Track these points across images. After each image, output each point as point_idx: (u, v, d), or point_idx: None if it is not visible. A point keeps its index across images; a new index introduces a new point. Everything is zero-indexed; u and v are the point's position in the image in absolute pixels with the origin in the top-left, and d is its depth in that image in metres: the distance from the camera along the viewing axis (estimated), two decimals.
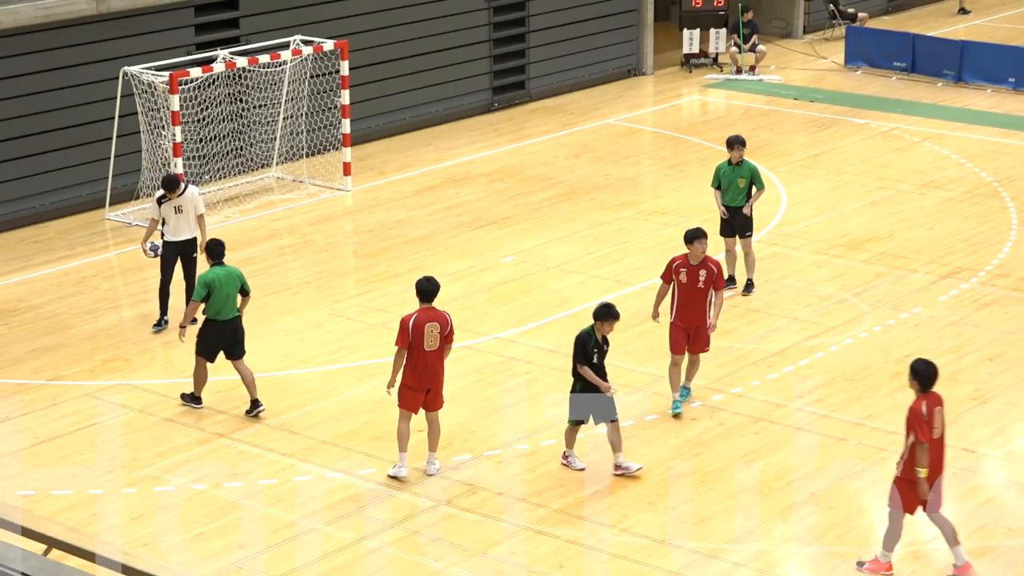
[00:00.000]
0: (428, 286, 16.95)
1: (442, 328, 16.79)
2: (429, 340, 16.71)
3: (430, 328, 16.70)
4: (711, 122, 32.36)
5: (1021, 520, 16.26)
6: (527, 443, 17.99)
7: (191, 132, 26.53)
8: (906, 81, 35.06)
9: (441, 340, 16.81)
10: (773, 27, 39.24)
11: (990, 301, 22.18)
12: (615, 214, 26.13)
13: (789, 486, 16.93)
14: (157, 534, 16.02)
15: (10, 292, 22.93)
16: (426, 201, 26.98)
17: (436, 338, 16.75)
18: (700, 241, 18.61)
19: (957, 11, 41.59)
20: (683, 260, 18.55)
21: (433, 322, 16.74)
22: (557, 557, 15.56)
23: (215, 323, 18.66)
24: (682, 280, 18.48)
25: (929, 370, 14.97)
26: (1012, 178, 27.74)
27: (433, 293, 16.94)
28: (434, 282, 17.07)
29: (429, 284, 16.98)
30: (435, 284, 17.04)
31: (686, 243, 18.66)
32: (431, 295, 16.92)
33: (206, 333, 18.76)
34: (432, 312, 16.84)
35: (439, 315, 16.85)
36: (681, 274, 18.48)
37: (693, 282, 18.48)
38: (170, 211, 20.85)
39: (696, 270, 18.47)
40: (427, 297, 16.90)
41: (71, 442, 18.13)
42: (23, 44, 25.48)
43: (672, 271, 18.57)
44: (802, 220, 25.65)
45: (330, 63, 28.00)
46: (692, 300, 18.51)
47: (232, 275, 18.70)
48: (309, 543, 15.82)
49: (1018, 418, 18.68)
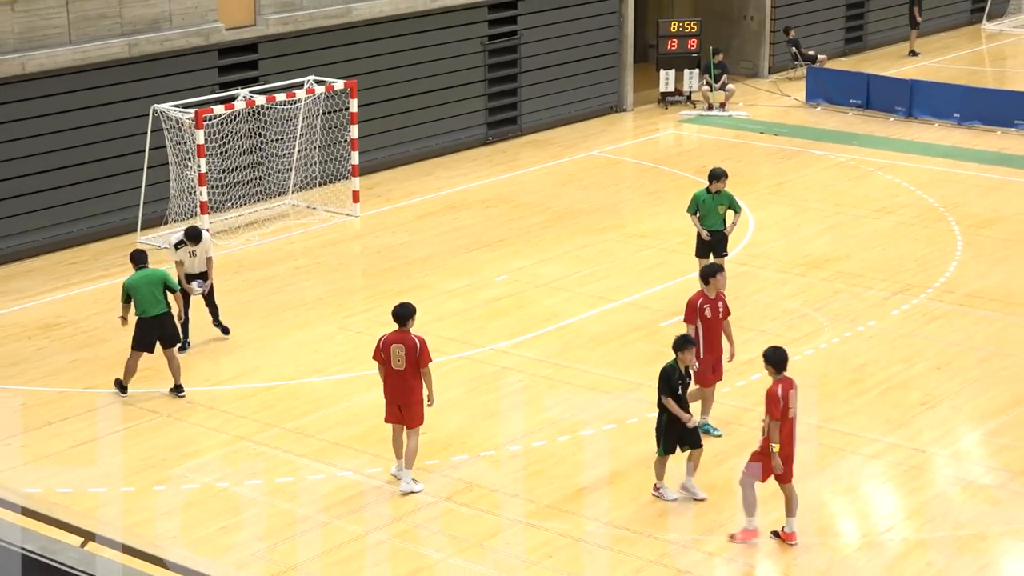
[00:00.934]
0: (399, 311, 16.62)
1: (408, 351, 16.36)
2: (395, 360, 16.42)
3: (395, 349, 16.40)
4: (685, 154, 32.38)
5: (967, 513, 16.26)
6: (520, 445, 17.98)
7: (215, 163, 26.54)
8: (861, 116, 35.10)
9: (409, 362, 16.40)
10: (741, 68, 39.29)
11: (938, 315, 22.20)
12: (599, 237, 26.13)
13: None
14: (185, 528, 16.00)
15: (51, 309, 22.92)
16: (427, 225, 26.98)
17: (402, 359, 16.39)
18: (720, 274, 17.95)
19: (907, 53, 41.65)
20: (703, 297, 17.62)
21: (399, 344, 16.40)
22: (547, 548, 15.55)
23: (143, 320, 19.26)
24: (706, 316, 17.60)
25: (778, 355, 15.35)
26: (957, 204, 27.77)
27: (404, 317, 16.56)
28: (408, 307, 16.67)
29: (401, 309, 16.64)
30: (408, 309, 16.64)
31: (707, 279, 17.81)
32: (402, 319, 16.55)
33: (138, 329, 19.34)
34: (402, 335, 16.50)
35: (407, 338, 16.44)
36: (705, 310, 17.56)
37: (715, 315, 17.66)
38: (185, 254, 21.10)
39: (715, 303, 17.69)
40: (397, 320, 16.57)
41: (105, 444, 18.12)
42: (63, 84, 25.50)
43: (697, 311, 17.59)
44: (768, 242, 25.68)
45: (340, 101, 28.03)
46: (715, 333, 17.70)
47: (152, 277, 19.34)
48: (322, 535, 15.80)
49: (964, 421, 18.69)
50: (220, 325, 21.49)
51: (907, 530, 15.90)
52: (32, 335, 21.86)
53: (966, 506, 16.45)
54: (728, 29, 39.54)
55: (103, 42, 25.85)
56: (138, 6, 26.34)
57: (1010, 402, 19.13)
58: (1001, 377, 19.92)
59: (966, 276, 23.83)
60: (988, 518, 16.12)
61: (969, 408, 19.02)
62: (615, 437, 18.07)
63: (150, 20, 26.56)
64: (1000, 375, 19.98)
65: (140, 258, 19.61)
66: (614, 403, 19.10)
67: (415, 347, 16.45)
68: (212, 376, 20.21)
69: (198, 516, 16.24)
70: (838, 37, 41.96)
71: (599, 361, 20.56)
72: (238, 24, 27.98)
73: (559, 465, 17.42)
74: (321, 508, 16.40)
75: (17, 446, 18.07)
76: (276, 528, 15.97)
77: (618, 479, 17.01)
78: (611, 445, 17.84)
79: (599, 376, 20.00)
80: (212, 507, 16.44)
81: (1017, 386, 19.62)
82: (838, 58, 40.90)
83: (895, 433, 18.21)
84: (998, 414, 18.81)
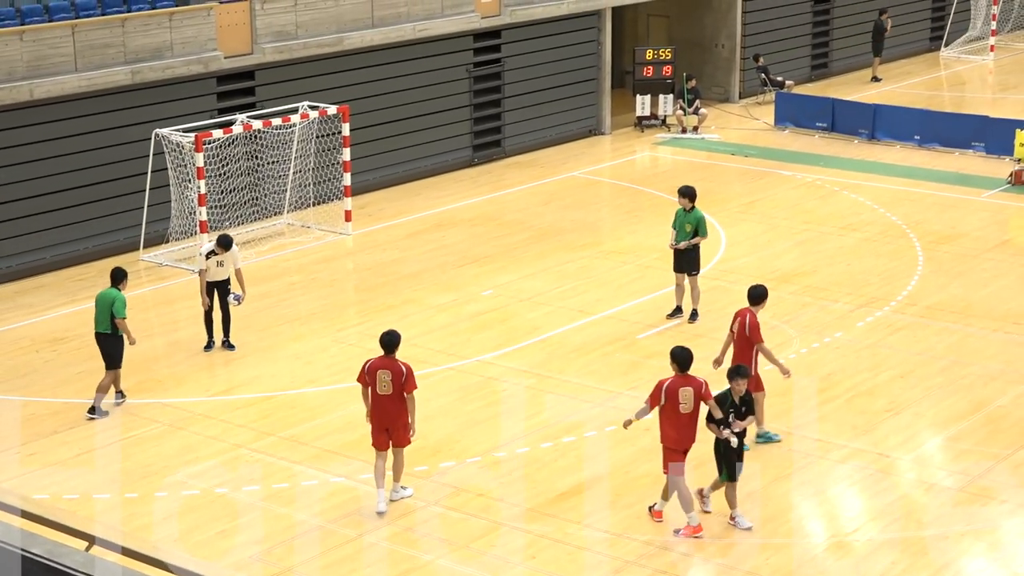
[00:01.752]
0: (386, 338, 16.29)
1: (394, 376, 16.00)
2: (381, 385, 16.04)
3: (381, 375, 16.04)
4: (661, 174, 32.37)
5: (930, 514, 16.23)
6: (505, 451, 17.91)
7: (214, 185, 26.45)
8: (827, 139, 35.12)
9: (395, 387, 16.04)
10: (713, 93, 39.30)
11: (901, 327, 22.19)
12: (579, 253, 26.09)
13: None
14: (185, 531, 15.90)
15: (59, 323, 22.81)
16: (416, 243, 26.92)
17: (388, 384, 16.01)
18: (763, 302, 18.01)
19: (870, 79, 41.69)
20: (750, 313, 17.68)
21: (385, 370, 16.04)
22: (531, 549, 15.48)
23: (96, 334, 19.19)
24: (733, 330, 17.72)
25: (684, 354, 15.78)
26: (918, 221, 27.78)
27: (390, 344, 16.22)
28: (394, 335, 16.35)
29: (388, 337, 16.30)
30: (394, 337, 16.31)
31: (758, 301, 17.86)
32: (389, 346, 16.22)
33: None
34: (388, 361, 16.14)
35: (394, 365, 16.08)
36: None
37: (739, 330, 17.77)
38: (213, 263, 20.99)
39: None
40: (385, 348, 16.24)
41: (110, 453, 18.01)
42: (69, 110, 25.42)
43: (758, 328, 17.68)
44: (739, 258, 25.65)
45: (333, 125, 27.97)
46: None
47: (106, 298, 19.02)
48: (316, 538, 15.72)
49: (926, 427, 18.66)
50: (229, 342, 21.35)
51: (873, 531, 15.86)
52: (40, 348, 21.75)
53: (929, 508, 16.42)
54: (701, 56, 39.56)
55: (108, 70, 25.77)
56: (141, 35, 26.27)
57: (970, 409, 19.10)
58: (961, 385, 19.90)
59: (927, 289, 23.82)
60: (949, 519, 16.09)
61: (931, 414, 18.99)
62: (595, 443, 18.01)
63: (152, 49, 26.49)
64: (960, 383, 19.96)
65: (115, 276, 19.24)
66: (594, 411, 19.04)
67: (401, 373, 16.05)
68: (211, 387, 20.11)
69: (197, 521, 16.14)
70: (805, 64, 42.02)
71: (580, 371, 20.50)
72: (236, 52, 27.92)
73: (542, 470, 17.35)
74: (316, 512, 16.31)
75: (26, 454, 17.97)
76: (273, 532, 15.88)
77: (598, 483, 16.95)
78: (592, 451, 17.78)
79: (580, 385, 19.94)
80: (211, 512, 16.35)
81: (976, 393, 19.60)
82: (805, 84, 40.95)
83: (861, 439, 18.18)
84: (959, 420, 18.78)
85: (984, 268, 24.90)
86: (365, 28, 30.00)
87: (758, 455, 17.48)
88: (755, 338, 17.54)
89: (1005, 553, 15.46)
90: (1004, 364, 20.63)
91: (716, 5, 39.33)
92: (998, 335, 21.76)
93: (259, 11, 28.12)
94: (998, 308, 22.93)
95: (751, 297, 18.06)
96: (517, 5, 33.27)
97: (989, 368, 20.47)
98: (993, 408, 19.11)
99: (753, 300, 18.02)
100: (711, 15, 39.52)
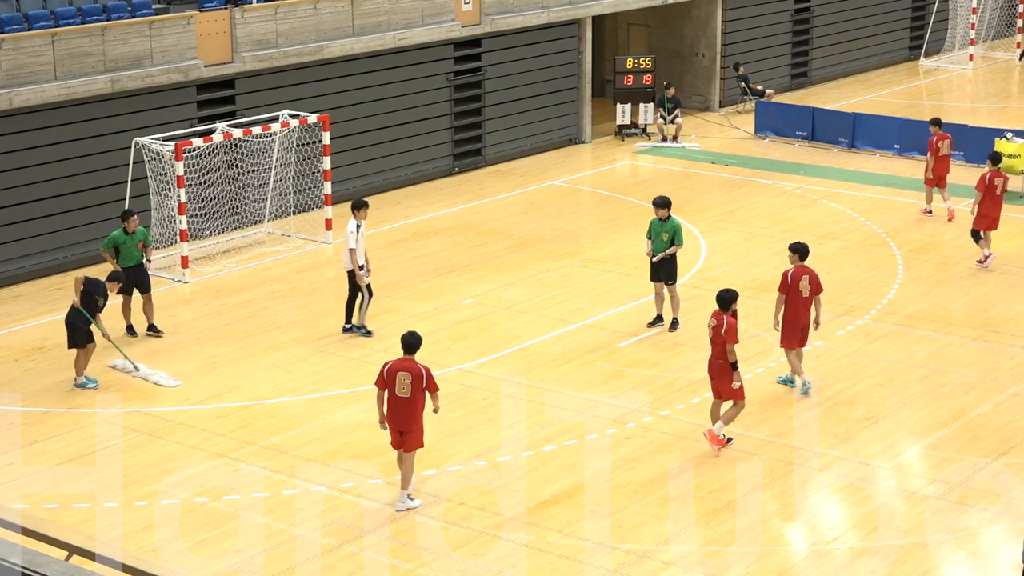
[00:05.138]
0: (409, 339, 16.35)
1: (414, 379, 16.08)
2: (400, 387, 16.11)
3: (401, 376, 16.11)
4: (641, 183, 32.42)
5: (909, 522, 16.27)
6: (485, 460, 17.92)
7: (194, 193, 26.42)
8: (807, 147, 35.22)
9: (414, 389, 16.12)
10: (693, 102, 39.41)
11: (881, 335, 22.25)
12: (559, 262, 26.11)
13: (710, 495, 16.90)
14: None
15: (38, 332, 22.75)
16: (396, 252, 26.91)
17: (408, 387, 16.08)
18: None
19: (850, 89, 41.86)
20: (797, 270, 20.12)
21: (405, 372, 16.10)
22: (511, 558, 15.48)
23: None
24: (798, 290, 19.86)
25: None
26: (898, 230, 27.87)
27: (412, 346, 16.29)
28: (416, 336, 16.39)
29: (411, 338, 16.35)
30: (416, 339, 16.37)
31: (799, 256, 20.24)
32: (410, 347, 16.28)
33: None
34: (407, 363, 16.20)
35: (413, 366, 16.15)
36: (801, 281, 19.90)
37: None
38: (353, 236, 22.09)
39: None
40: (406, 349, 16.29)
41: (90, 462, 17.97)
42: (49, 118, 25.37)
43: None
44: (719, 266, 25.69)
45: (314, 134, 27.95)
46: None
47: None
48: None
49: (905, 435, 18.71)
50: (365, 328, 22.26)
51: (853, 539, 15.90)
52: (19, 357, 21.69)
53: (908, 516, 16.46)
54: (681, 65, 39.66)
55: (87, 78, 25.72)
56: (121, 44, 26.24)
57: (949, 417, 19.16)
58: (941, 393, 19.96)
59: (907, 298, 23.90)
60: (929, 527, 16.13)
61: (911, 423, 19.05)
62: (575, 452, 18.02)
63: (132, 57, 26.46)
64: (939, 391, 20.03)
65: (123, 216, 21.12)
66: (575, 420, 19.05)
67: (422, 375, 16.12)
68: (191, 396, 20.08)
69: (177, 530, 16.10)
70: (785, 73, 42.14)
71: (560, 380, 20.51)
72: (216, 61, 27.90)
73: (523, 479, 17.36)
74: (295, 521, 16.29)
75: (5, 464, 17.91)
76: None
77: (578, 492, 16.95)
78: (572, 460, 17.79)
79: (560, 394, 19.96)
80: (191, 521, 16.31)
81: (955, 402, 19.67)
82: (785, 92, 41.08)
83: (841, 447, 18.22)
84: (938, 428, 18.84)
85: (963, 277, 24.99)
86: (345, 37, 30.02)
87: (738, 464, 17.51)
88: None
89: (985, 561, 15.51)
90: (983, 372, 20.70)
91: (696, 14, 39.44)
92: (977, 343, 21.84)
93: (239, 20, 28.11)
94: (978, 317, 23.01)
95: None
96: (497, 14, 33.32)
97: (968, 376, 20.55)
98: (972, 416, 19.18)
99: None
100: (691, 24, 39.63)
